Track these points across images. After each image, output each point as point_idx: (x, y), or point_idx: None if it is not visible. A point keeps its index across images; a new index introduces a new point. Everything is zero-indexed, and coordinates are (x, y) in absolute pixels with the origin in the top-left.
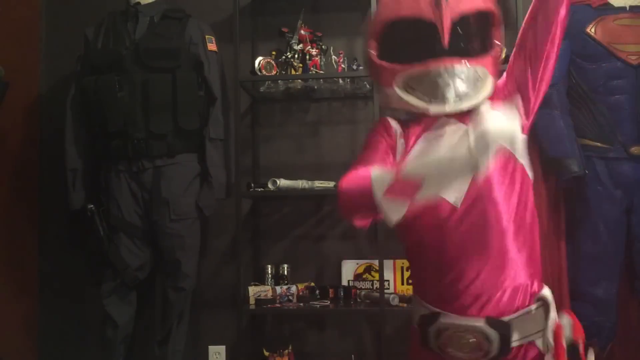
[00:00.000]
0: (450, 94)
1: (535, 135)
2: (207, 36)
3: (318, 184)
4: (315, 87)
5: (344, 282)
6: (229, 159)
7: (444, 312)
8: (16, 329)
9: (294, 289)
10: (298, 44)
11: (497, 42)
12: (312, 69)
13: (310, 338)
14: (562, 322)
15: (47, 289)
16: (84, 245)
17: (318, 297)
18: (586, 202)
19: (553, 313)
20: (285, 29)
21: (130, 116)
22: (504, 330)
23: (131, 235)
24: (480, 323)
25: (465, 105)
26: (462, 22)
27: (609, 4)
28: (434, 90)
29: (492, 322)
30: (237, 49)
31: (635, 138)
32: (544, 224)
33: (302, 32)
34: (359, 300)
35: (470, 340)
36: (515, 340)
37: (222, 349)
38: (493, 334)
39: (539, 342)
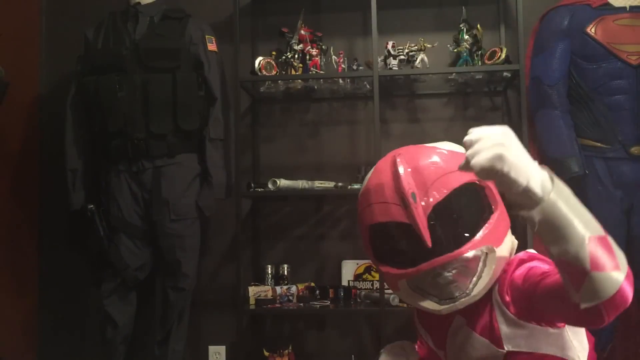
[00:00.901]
0: (457, 291)
1: (536, 135)
2: (207, 36)
3: (318, 184)
4: (315, 87)
5: (344, 282)
6: (229, 159)
7: None
8: (16, 329)
9: (294, 289)
10: (298, 44)
11: (493, 206)
12: (312, 69)
13: (310, 338)
14: None
15: (47, 289)
16: (84, 245)
17: (318, 297)
18: (586, 202)
19: None
20: (285, 29)
21: (130, 116)
22: None
23: (131, 235)
24: None
25: (477, 294)
26: (442, 210)
27: (609, 4)
28: (439, 289)
29: None
30: (237, 49)
31: (635, 138)
32: None
33: (302, 32)
34: (359, 300)
35: None
36: None
37: (222, 349)
38: None
39: None
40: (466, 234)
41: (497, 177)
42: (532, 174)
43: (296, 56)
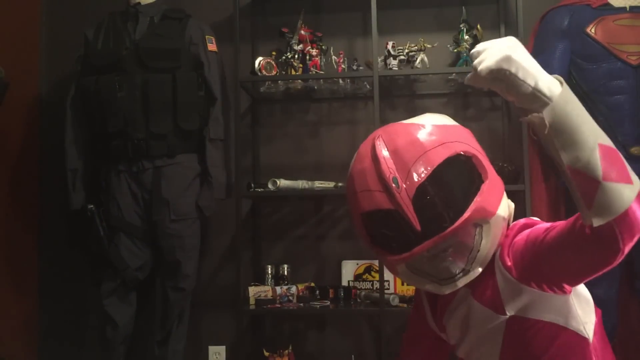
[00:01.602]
0: (456, 269)
1: (535, 136)
2: (207, 36)
3: (318, 184)
4: (315, 87)
5: (344, 282)
6: (229, 159)
7: None
8: (16, 329)
9: (294, 289)
10: (298, 44)
11: (483, 175)
12: (312, 69)
13: (310, 338)
14: None
15: (47, 289)
16: (84, 245)
17: (318, 297)
18: None
19: None
20: (285, 29)
21: (130, 116)
22: None
23: (131, 236)
24: None
25: (477, 270)
26: (428, 190)
27: (609, 4)
28: (437, 269)
29: None
30: (237, 49)
31: (635, 138)
32: None
33: (302, 32)
34: (359, 300)
35: None
36: None
37: (222, 349)
38: None
39: None
40: (456, 211)
41: (506, 78)
42: (539, 75)
43: (296, 56)
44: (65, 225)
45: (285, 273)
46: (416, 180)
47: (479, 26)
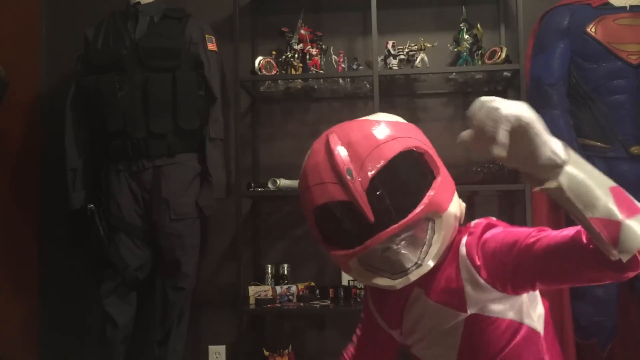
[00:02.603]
0: (408, 262)
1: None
2: (207, 36)
3: None
4: (315, 87)
5: (344, 282)
6: (229, 159)
7: None
8: (16, 329)
9: (294, 288)
10: (298, 44)
11: (434, 171)
12: (312, 68)
13: (310, 338)
14: None
15: (47, 289)
16: (84, 245)
17: (318, 297)
18: None
19: None
20: (285, 29)
21: (130, 116)
22: None
23: (131, 235)
24: None
25: (430, 263)
26: (381, 182)
27: (609, 3)
28: (390, 264)
29: None
30: (237, 49)
31: (635, 138)
32: (544, 223)
33: (302, 31)
34: (359, 300)
35: None
36: None
37: (222, 349)
38: None
39: None
40: (409, 204)
41: (527, 132)
42: (552, 138)
43: (296, 56)
44: (65, 225)
45: (285, 272)
46: (370, 172)
47: (479, 25)
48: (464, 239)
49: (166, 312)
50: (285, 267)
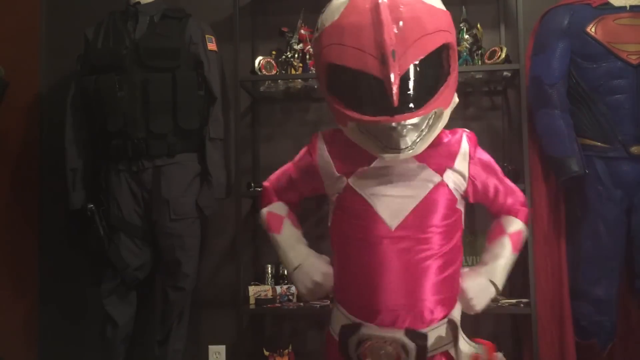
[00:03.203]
0: (405, 144)
1: (536, 135)
2: (207, 36)
3: None
4: (315, 86)
5: None
6: (229, 159)
7: (365, 323)
8: (16, 329)
9: (294, 288)
10: (298, 44)
11: (452, 67)
12: (312, 68)
13: (310, 338)
14: (478, 351)
15: (47, 289)
16: (84, 245)
17: None
18: (586, 202)
19: (460, 332)
20: (285, 29)
21: (130, 116)
22: (422, 341)
23: (131, 235)
24: (399, 334)
25: (419, 150)
26: (416, 68)
27: (609, 3)
28: (388, 139)
29: (411, 333)
30: (237, 49)
31: (635, 138)
32: (544, 223)
33: (302, 31)
34: None
35: (389, 351)
36: (430, 351)
37: (222, 348)
38: (411, 344)
39: (451, 351)
40: (427, 95)
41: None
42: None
43: (296, 55)
44: (65, 225)
45: (285, 272)
46: (409, 60)
47: (479, 25)
48: (465, 137)
49: (166, 312)
50: None
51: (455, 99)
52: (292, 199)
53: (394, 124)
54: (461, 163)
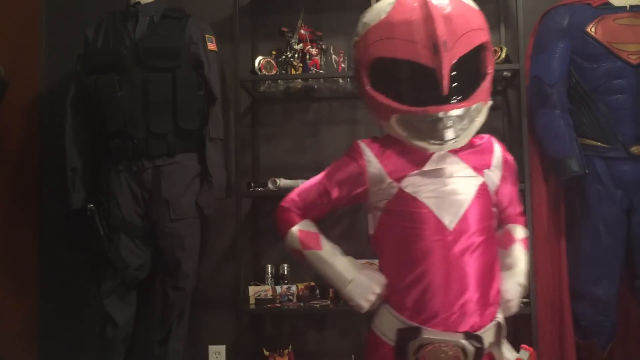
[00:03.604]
0: (450, 135)
1: (536, 135)
2: (207, 36)
3: None
4: (315, 86)
5: None
6: (229, 159)
7: (425, 328)
8: (16, 329)
9: (294, 288)
10: (298, 44)
11: (489, 67)
12: (312, 68)
13: (310, 338)
14: (522, 357)
15: (47, 289)
16: (84, 245)
17: (318, 296)
18: (586, 202)
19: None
20: (285, 29)
21: (130, 116)
22: (479, 343)
23: (131, 235)
24: (459, 338)
25: (463, 142)
26: (460, 63)
27: (609, 3)
28: (433, 131)
29: (469, 336)
30: (237, 49)
31: (635, 138)
32: (544, 223)
33: (302, 31)
34: None
35: (449, 354)
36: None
37: (222, 348)
38: (470, 347)
39: (494, 352)
40: (470, 88)
41: None
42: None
43: (296, 55)
44: (65, 225)
45: (285, 272)
46: (459, 52)
47: None
48: (494, 140)
49: (166, 312)
50: (285, 267)
51: (490, 101)
52: (321, 213)
53: (440, 115)
54: (496, 164)
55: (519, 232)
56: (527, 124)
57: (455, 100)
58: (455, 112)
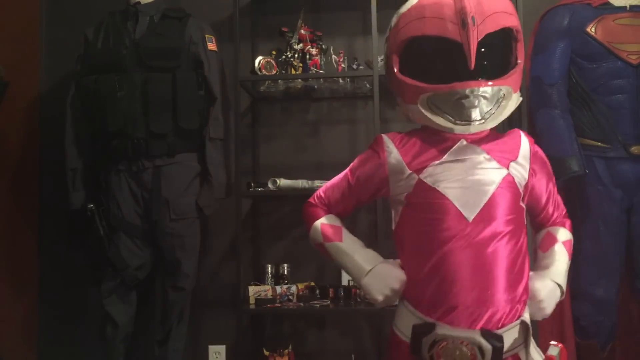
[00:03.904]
0: (476, 115)
1: (536, 135)
2: (207, 35)
3: (318, 183)
4: (315, 86)
5: (344, 282)
6: (229, 159)
7: (440, 323)
8: (16, 329)
9: (294, 288)
10: (298, 44)
11: (519, 58)
12: (312, 68)
13: (310, 338)
14: (552, 353)
15: (47, 289)
16: (84, 245)
17: (318, 296)
18: (586, 202)
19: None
20: (285, 29)
21: (130, 116)
22: (498, 342)
23: (131, 235)
24: (476, 335)
25: (489, 125)
26: (487, 41)
27: (609, 3)
28: (459, 110)
29: (487, 334)
30: (237, 49)
31: (635, 138)
32: None
33: (302, 31)
34: (359, 300)
35: (464, 351)
36: (505, 352)
37: (222, 348)
38: (487, 345)
39: (521, 354)
40: (499, 70)
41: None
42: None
43: (296, 55)
44: (65, 225)
45: (285, 272)
46: (487, 28)
47: None
48: (522, 133)
49: (166, 312)
50: (285, 267)
51: (520, 97)
52: (346, 209)
53: (467, 91)
54: (523, 156)
55: (562, 234)
56: (527, 124)
57: (482, 79)
58: (482, 90)
